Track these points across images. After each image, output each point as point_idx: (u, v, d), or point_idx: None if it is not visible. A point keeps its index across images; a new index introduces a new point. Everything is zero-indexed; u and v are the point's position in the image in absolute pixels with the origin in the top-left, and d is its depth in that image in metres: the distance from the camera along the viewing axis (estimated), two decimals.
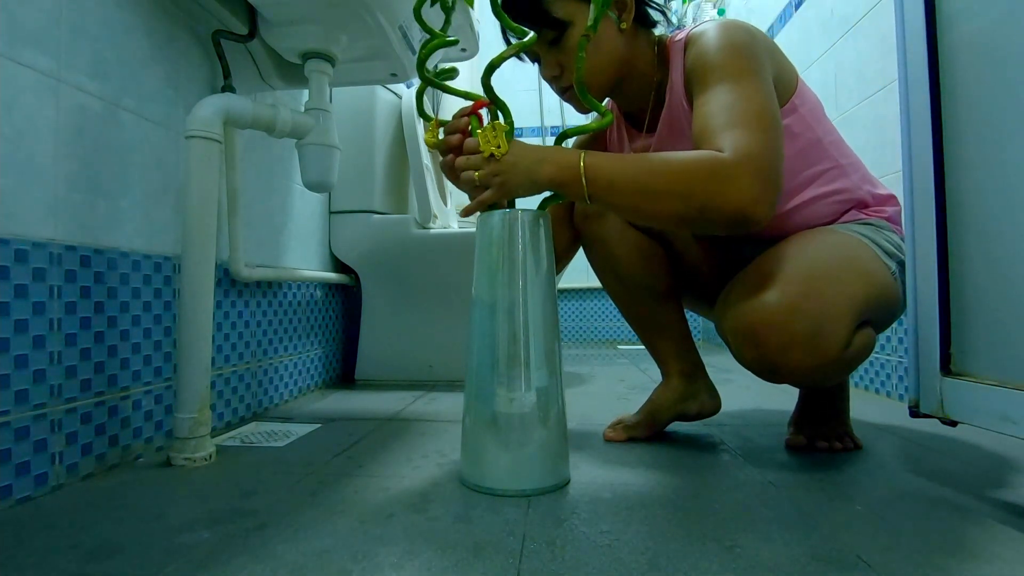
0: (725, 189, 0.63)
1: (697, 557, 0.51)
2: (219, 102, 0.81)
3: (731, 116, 0.67)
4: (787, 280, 0.69)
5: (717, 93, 0.70)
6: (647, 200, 0.66)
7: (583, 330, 2.92)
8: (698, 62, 0.75)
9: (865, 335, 0.72)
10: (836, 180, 0.83)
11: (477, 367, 0.70)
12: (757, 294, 0.69)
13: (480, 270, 0.72)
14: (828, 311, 0.67)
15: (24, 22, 0.65)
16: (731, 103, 0.69)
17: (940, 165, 0.65)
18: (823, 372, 0.69)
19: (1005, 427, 0.56)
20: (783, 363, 0.68)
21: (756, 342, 0.69)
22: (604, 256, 0.95)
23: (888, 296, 0.76)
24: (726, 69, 0.72)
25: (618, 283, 0.96)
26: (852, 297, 0.70)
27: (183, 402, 0.77)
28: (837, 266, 0.73)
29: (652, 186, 0.66)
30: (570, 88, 0.81)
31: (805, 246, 0.76)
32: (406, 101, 1.58)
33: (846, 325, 0.68)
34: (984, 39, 0.60)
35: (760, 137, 0.65)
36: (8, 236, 0.63)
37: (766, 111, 0.68)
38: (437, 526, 0.58)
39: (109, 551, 0.52)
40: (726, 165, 0.64)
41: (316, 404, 1.23)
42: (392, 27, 0.92)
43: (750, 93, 0.69)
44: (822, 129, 0.83)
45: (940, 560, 0.50)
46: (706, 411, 0.95)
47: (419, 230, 1.49)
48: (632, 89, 0.85)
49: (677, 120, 0.82)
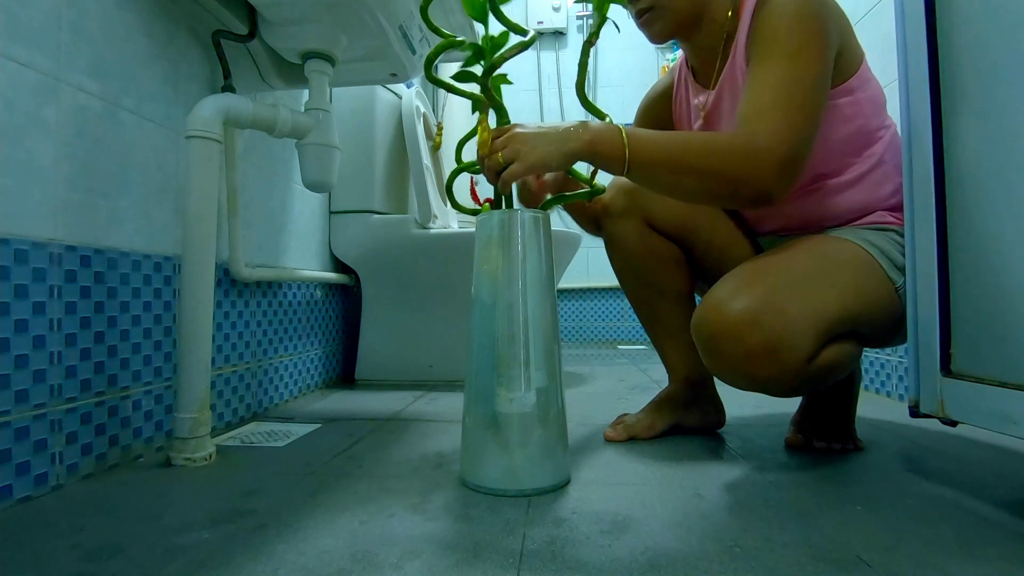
0: (751, 174, 0.68)
1: (697, 557, 0.51)
2: (219, 102, 0.81)
3: (776, 98, 0.69)
4: (755, 289, 0.69)
5: (771, 68, 0.71)
6: (685, 176, 0.70)
7: (583, 330, 2.92)
8: (764, 25, 0.74)
9: (840, 348, 0.71)
10: (876, 175, 0.81)
11: (477, 367, 0.70)
12: (723, 302, 0.70)
13: (480, 270, 0.72)
14: (789, 324, 0.67)
15: (24, 22, 0.65)
16: (781, 84, 0.70)
17: (940, 165, 0.65)
18: (786, 384, 0.70)
19: (1005, 427, 0.56)
20: (742, 373, 0.69)
21: (716, 352, 0.70)
22: (623, 254, 0.95)
23: (880, 312, 0.74)
24: (786, 42, 0.72)
25: (634, 282, 0.96)
26: (820, 311, 0.69)
27: (183, 402, 0.77)
28: (815, 277, 0.72)
29: (689, 162, 0.69)
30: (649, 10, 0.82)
31: (792, 254, 0.75)
32: (406, 101, 1.58)
33: (809, 338, 0.68)
34: (984, 39, 0.60)
35: (795, 130, 0.68)
36: (8, 236, 0.63)
37: (809, 101, 0.70)
38: (437, 526, 0.58)
39: (109, 551, 0.52)
40: (758, 152, 0.68)
41: (316, 404, 1.23)
42: (392, 27, 0.92)
43: (800, 75, 0.70)
44: (878, 121, 0.81)
45: (940, 560, 0.50)
46: (709, 424, 0.95)
47: (419, 230, 1.49)
48: (704, 35, 0.84)
49: (735, 79, 0.81)
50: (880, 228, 0.80)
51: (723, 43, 0.83)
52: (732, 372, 0.70)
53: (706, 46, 0.85)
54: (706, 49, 0.85)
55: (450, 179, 0.86)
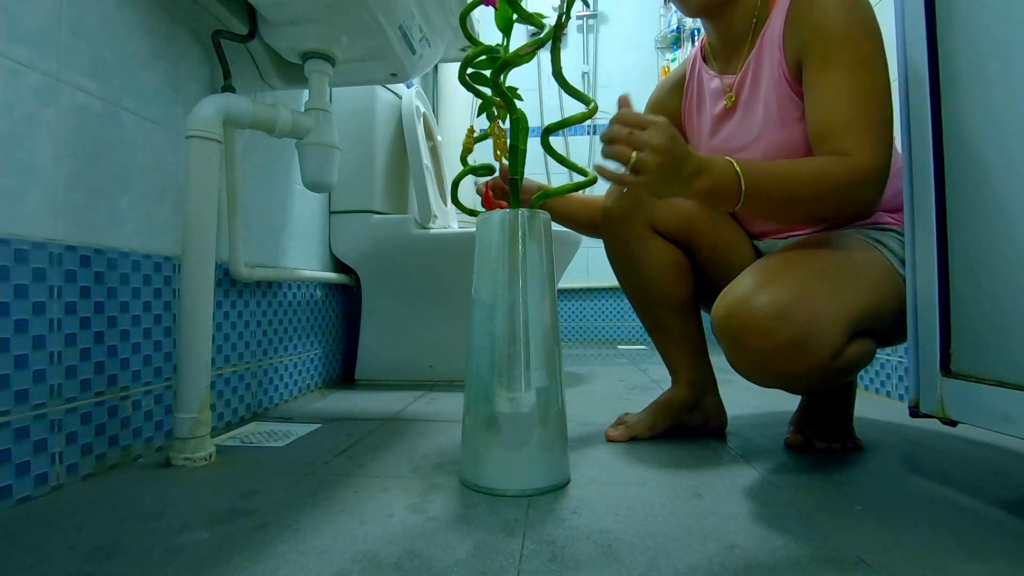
0: (858, 197, 0.71)
1: (697, 557, 0.51)
2: (219, 102, 0.81)
3: (860, 115, 0.70)
4: (781, 285, 0.68)
5: (842, 76, 0.71)
6: (795, 205, 0.71)
7: (583, 330, 2.92)
8: (820, 26, 0.74)
9: (861, 345, 0.71)
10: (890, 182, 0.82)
11: (477, 367, 0.70)
12: (748, 297, 0.68)
13: (480, 270, 0.72)
14: (818, 319, 0.66)
15: (24, 22, 0.65)
16: (859, 96, 0.70)
17: (940, 165, 0.65)
18: (810, 380, 0.69)
19: (1005, 427, 0.56)
20: (769, 369, 0.68)
21: (743, 347, 0.69)
22: (626, 260, 0.94)
23: (897, 307, 0.73)
24: (850, 47, 0.71)
25: (637, 288, 0.95)
26: (847, 306, 0.69)
27: (183, 402, 0.77)
28: (838, 274, 0.72)
29: (801, 193, 0.70)
30: None
31: (811, 251, 0.75)
32: (406, 101, 1.58)
33: (837, 334, 0.67)
34: (984, 36, 0.60)
35: (886, 144, 0.70)
36: (8, 236, 0.63)
37: (887, 111, 0.71)
38: (437, 526, 0.58)
39: (109, 551, 0.52)
40: (863, 179, 0.69)
41: (316, 404, 1.23)
42: (392, 27, 0.92)
43: (874, 85, 0.71)
44: None
45: (940, 560, 0.50)
46: (710, 426, 0.94)
47: (419, 230, 1.49)
48: (735, 16, 0.84)
49: (763, 67, 0.81)
50: (881, 229, 0.81)
51: (752, 29, 0.83)
52: (757, 368, 0.69)
53: (735, 28, 0.85)
54: (734, 32, 0.85)
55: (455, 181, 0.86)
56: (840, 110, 0.70)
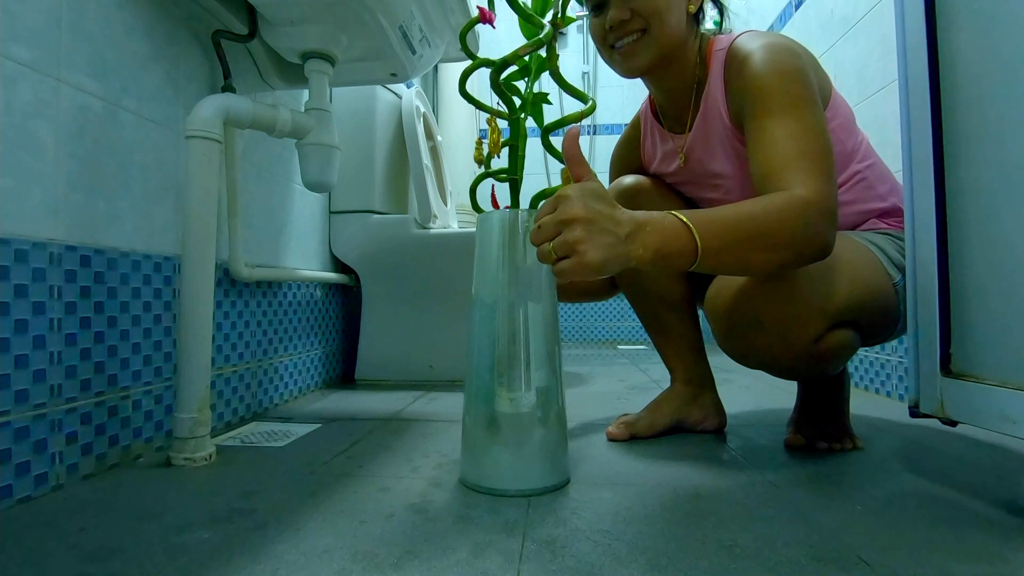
0: (813, 233, 0.65)
1: (697, 557, 0.51)
2: (219, 102, 0.81)
3: (798, 151, 0.69)
4: None
5: (778, 122, 0.71)
6: (753, 255, 0.63)
7: (583, 330, 2.92)
8: (750, 84, 0.75)
9: (842, 335, 0.73)
10: (857, 190, 0.85)
11: (477, 367, 0.70)
12: (739, 280, 0.72)
13: (480, 270, 0.72)
14: (802, 303, 0.69)
15: (24, 22, 0.65)
16: (794, 135, 0.70)
17: (940, 165, 0.65)
18: (790, 362, 0.73)
19: (1005, 427, 0.56)
20: (752, 346, 0.73)
21: (729, 322, 0.73)
22: None
23: (881, 304, 0.76)
24: (778, 94, 0.72)
25: (636, 288, 0.99)
26: (832, 295, 0.71)
27: (183, 402, 0.77)
28: (825, 264, 0.72)
29: (756, 241, 0.63)
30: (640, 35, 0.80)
31: None
32: (406, 101, 1.58)
33: (820, 319, 0.70)
34: (984, 38, 0.60)
35: (827, 175, 0.68)
36: (8, 236, 0.63)
37: (825, 144, 0.70)
38: (437, 526, 0.58)
39: (109, 551, 0.52)
40: (811, 210, 0.64)
41: (316, 404, 1.23)
42: (392, 27, 0.92)
43: (810, 123, 0.70)
44: (853, 141, 0.85)
45: (940, 560, 0.50)
46: (709, 424, 0.96)
47: (419, 230, 1.49)
48: (674, 77, 0.85)
49: (711, 127, 0.84)
50: (877, 232, 0.83)
51: (694, 88, 0.86)
52: (743, 348, 0.74)
53: (676, 89, 0.87)
54: (676, 92, 0.87)
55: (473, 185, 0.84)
56: (778, 150, 0.69)
